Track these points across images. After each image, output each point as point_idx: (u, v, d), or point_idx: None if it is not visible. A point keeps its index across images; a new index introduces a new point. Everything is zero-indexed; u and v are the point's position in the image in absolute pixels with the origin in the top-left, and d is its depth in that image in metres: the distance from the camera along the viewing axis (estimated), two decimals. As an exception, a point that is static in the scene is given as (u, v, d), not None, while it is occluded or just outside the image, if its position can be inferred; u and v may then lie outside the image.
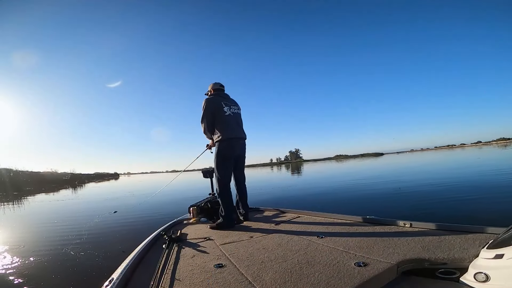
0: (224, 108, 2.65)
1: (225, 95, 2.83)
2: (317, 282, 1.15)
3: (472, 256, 1.20)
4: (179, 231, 2.22)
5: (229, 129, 2.63)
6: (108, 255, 3.38)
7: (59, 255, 3.54)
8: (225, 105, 2.68)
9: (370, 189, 8.01)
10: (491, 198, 5.26)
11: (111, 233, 4.82)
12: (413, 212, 4.60)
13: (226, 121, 2.63)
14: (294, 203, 6.61)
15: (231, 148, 2.64)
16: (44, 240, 4.47)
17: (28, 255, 3.56)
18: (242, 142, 2.79)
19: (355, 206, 5.69)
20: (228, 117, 2.65)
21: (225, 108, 2.66)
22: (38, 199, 13.77)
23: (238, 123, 2.78)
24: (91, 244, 4.04)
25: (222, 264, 1.45)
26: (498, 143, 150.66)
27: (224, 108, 2.65)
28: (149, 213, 6.76)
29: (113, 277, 1.31)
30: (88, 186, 26.25)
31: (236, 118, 2.75)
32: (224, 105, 2.67)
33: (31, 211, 9.44)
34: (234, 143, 2.67)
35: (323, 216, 2.52)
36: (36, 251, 3.76)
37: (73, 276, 2.79)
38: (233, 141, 2.65)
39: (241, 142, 2.78)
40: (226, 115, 2.64)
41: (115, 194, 13.68)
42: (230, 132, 2.63)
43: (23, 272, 2.95)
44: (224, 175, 2.63)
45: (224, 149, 2.62)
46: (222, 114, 2.63)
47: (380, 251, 1.44)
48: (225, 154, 2.63)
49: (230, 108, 2.71)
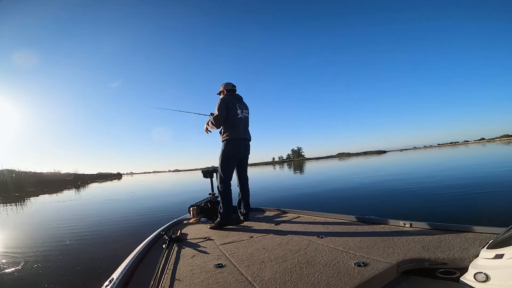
0: (238, 111, 2.77)
1: (238, 97, 2.92)
2: (317, 282, 1.15)
3: (472, 256, 1.20)
4: (179, 231, 2.23)
5: (237, 130, 2.75)
6: (108, 255, 3.40)
7: (59, 255, 3.57)
8: (239, 108, 2.80)
9: (370, 189, 8.00)
10: (491, 197, 5.23)
11: (111, 233, 4.84)
12: (413, 212, 4.59)
13: (237, 123, 2.75)
14: (294, 203, 6.60)
15: (237, 149, 2.76)
16: (44, 241, 4.50)
17: (28, 255, 3.59)
18: (247, 144, 2.90)
19: (355, 206, 5.68)
20: (239, 120, 2.77)
21: (238, 111, 2.78)
22: (39, 200, 13.79)
23: (246, 126, 2.92)
24: (91, 244, 4.07)
25: (222, 264, 1.45)
26: (501, 140, 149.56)
27: (237, 111, 2.77)
28: (149, 213, 6.80)
29: (113, 277, 1.31)
30: (91, 186, 26.33)
31: (245, 121, 2.90)
32: (238, 107, 2.79)
33: (31, 212, 9.47)
34: (240, 144, 2.78)
35: (323, 216, 2.52)
36: (36, 251, 3.78)
37: (73, 276, 2.81)
38: (239, 141, 2.78)
39: (246, 143, 2.89)
40: (238, 117, 2.77)
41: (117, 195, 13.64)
42: (238, 134, 2.76)
43: (23, 272, 2.97)
44: (226, 174, 2.71)
45: (231, 149, 2.72)
46: (234, 116, 2.74)
47: (380, 251, 1.44)
48: (231, 154, 2.73)
49: (242, 111, 2.83)
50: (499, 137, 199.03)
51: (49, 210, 9.68)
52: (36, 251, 3.77)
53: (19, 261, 3.33)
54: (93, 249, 3.80)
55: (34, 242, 4.46)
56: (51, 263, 3.26)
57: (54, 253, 3.66)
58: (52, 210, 9.55)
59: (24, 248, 4.07)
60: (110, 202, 10.74)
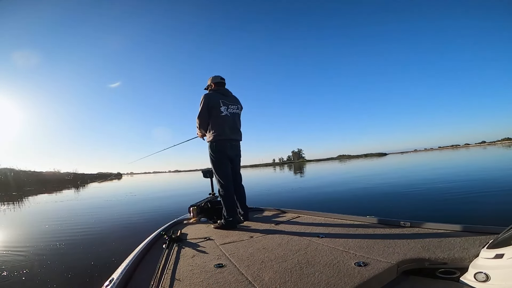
0: (221, 108, 2.56)
1: (225, 92, 2.70)
2: (317, 282, 1.15)
3: (472, 256, 1.19)
4: (179, 231, 2.22)
5: (222, 130, 2.55)
6: (108, 255, 3.40)
7: (59, 255, 3.57)
8: (223, 104, 2.58)
9: (370, 189, 8.00)
10: (491, 198, 5.24)
11: (111, 233, 4.85)
12: (413, 212, 4.60)
13: (221, 122, 2.55)
14: (294, 203, 6.61)
15: (222, 150, 2.58)
16: (43, 241, 4.49)
17: (27, 255, 3.58)
18: (234, 144, 2.70)
19: (355, 206, 5.69)
20: (223, 118, 2.56)
21: (222, 108, 2.56)
22: (37, 199, 13.64)
23: (234, 124, 2.67)
24: (91, 244, 4.06)
25: (222, 264, 1.45)
26: (502, 143, 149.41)
27: (221, 108, 2.56)
28: (149, 213, 6.79)
29: (113, 277, 1.31)
30: (90, 186, 26.27)
31: (233, 119, 2.65)
32: (222, 104, 2.57)
33: (27, 211, 9.38)
34: (225, 145, 2.59)
35: (323, 216, 2.51)
36: (35, 251, 3.78)
37: (73, 276, 2.81)
38: (224, 142, 2.58)
39: (234, 143, 2.69)
40: (222, 115, 2.55)
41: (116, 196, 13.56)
42: (222, 133, 2.55)
43: (23, 273, 2.97)
44: (222, 175, 2.58)
45: (216, 151, 2.57)
46: (217, 114, 2.54)
47: (380, 251, 1.44)
48: (217, 156, 2.58)
49: (228, 108, 2.60)
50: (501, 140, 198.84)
51: (45, 209, 9.60)
52: (35, 251, 3.77)
53: (18, 262, 3.33)
54: (93, 249, 3.79)
55: (33, 242, 4.45)
56: (50, 263, 3.25)
57: (54, 253, 3.65)
58: (49, 209, 9.49)
59: (23, 248, 4.07)
60: (109, 202, 10.70)
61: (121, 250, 3.12)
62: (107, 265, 2.95)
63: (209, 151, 2.61)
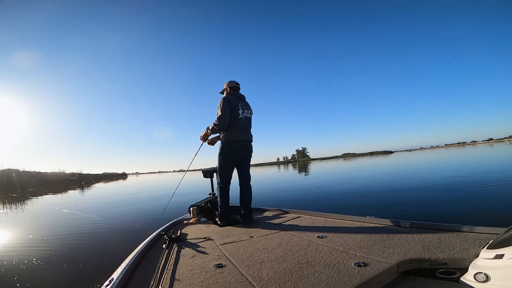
0: (239, 110, 2.68)
1: (241, 96, 2.85)
2: (317, 282, 1.15)
3: (472, 256, 1.19)
4: (179, 231, 2.23)
5: (238, 131, 2.67)
6: (108, 255, 3.42)
7: (59, 255, 3.59)
8: (241, 108, 2.71)
9: (371, 189, 7.96)
10: (491, 197, 5.18)
11: (111, 233, 4.87)
12: (413, 212, 4.56)
13: (237, 124, 2.66)
14: (294, 203, 6.60)
15: (234, 151, 2.69)
16: (42, 241, 4.53)
17: (27, 255, 3.61)
18: (247, 144, 2.81)
19: (355, 206, 5.66)
20: (240, 120, 2.68)
21: (240, 111, 2.69)
22: (40, 201, 13.34)
23: (247, 127, 2.81)
24: (91, 244, 4.09)
25: (222, 264, 1.46)
26: (510, 140, 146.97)
27: (239, 110, 2.68)
28: (149, 213, 6.82)
29: (113, 277, 1.32)
30: (95, 186, 26.29)
31: (247, 122, 2.78)
32: (240, 107, 2.70)
33: (27, 213, 9.34)
34: (239, 145, 2.70)
35: (323, 216, 2.51)
36: (35, 252, 3.81)
37: (73, 276, 2.82)
38: (239, 143, 2.69)
39: (246, 144, 2.80)
40: (239, 117, 2.67)
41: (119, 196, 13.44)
42: (238, 135, 2.67)
43: (23, 273, 3.00)
44: (225, 174, 2.71)
45: (228, 151, 2.68)
46: (235, 116, 2.65)
47: (380, 251, 1.44)
48: (228, 156, 2.69)
49: (244, 112, 2.73)
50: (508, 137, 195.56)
51: (47, 210, 9.54)
52: (35, 252, 3.79)
53: (18, 262, 3.36)
54: (93, 249, 3.81)
55: (33, 242, 4.49)
56: (50, 263, 3.28)
57: (53, 253, 3.68)
58: (51, 210, 9.42)
59: (23, 248, 4.11)
60: (110, 202, 10.69)
61: (121, 250, 3.14)
62: (107, 265, 2.96)
63: (220, 149, 2.72)
